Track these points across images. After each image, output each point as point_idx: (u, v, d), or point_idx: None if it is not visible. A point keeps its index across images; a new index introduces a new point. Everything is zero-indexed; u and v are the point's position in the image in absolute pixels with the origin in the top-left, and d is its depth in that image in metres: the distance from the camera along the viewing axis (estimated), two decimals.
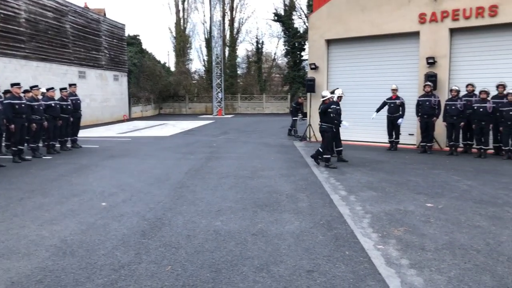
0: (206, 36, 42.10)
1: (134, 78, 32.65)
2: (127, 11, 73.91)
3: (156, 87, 34.67)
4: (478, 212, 5.92)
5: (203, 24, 47.61)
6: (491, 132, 11.07)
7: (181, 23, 44.34)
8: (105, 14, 29.15)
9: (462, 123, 11.20)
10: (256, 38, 47.78)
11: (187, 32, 44.80)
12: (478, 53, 11.98)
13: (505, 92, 10.62)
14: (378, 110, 12.28)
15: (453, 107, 11.18)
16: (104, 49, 26.57)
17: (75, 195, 7.08)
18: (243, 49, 68.78)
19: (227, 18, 42.77)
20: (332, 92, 10.29)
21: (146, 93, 33.56)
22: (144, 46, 36.29)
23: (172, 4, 54.66)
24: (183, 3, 44.07)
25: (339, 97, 10.31)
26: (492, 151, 11.33)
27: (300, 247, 4.65)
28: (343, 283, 3.78)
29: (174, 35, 44.26)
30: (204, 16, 58.21)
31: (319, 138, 14.78)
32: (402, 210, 6.05)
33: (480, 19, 11.62)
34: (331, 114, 9.70)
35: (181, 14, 44.23)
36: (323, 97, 9.78)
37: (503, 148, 10.78)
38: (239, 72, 44.32)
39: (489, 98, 10.76)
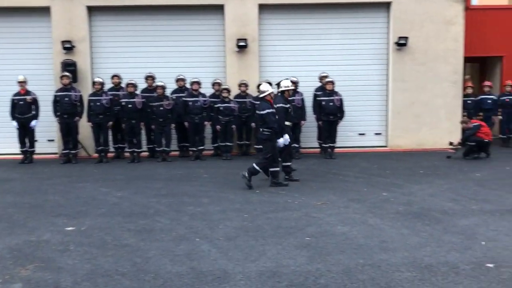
0: None
1: None
2: None
3: None
4: (127, 227, 6.44)
5: None
6: (143, 132, 12.32)
7: None
8: None
9: (110, 123, 11.99)
10: None
11: None
12: (121, 37, 13.10)
13: (154, 85, 12.01)
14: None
15: (98, 104, 11.76)
16: None
17: None
18: None
19: None
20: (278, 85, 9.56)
21: None
22: None
23: None
24: None
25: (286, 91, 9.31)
26: (147, 153, 12.64)
27: None
28: None
29: None
30: None
31: None
32: (34, 241, 5.94)
33: None
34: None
35: None
36: (262, 92, 9.12)
37: (156, 149, 12.18)
38: None
39: (137, 92, 11.91)
